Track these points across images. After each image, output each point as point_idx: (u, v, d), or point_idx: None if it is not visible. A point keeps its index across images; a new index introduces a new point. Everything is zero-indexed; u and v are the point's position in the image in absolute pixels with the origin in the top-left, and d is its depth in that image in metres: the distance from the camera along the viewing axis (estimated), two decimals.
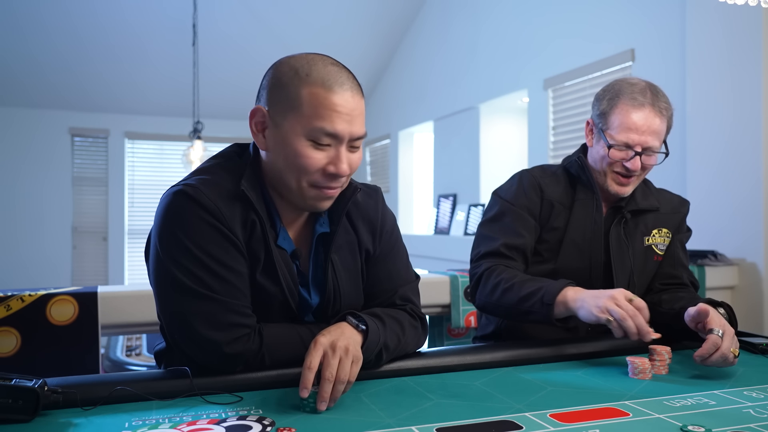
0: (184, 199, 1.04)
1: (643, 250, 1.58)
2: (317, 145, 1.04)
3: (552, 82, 4.39)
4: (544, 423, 0.91)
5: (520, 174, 1.62)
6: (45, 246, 7.18)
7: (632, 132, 1.44)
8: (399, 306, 1.22)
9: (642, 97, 1.45)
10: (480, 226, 1.61)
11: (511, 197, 1.57)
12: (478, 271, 1.51)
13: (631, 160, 1.46)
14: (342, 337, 1.02)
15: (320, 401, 0.94)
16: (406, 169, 6.86)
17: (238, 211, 1.07)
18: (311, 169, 1.04)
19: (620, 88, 1.49)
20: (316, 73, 1.03)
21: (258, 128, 1.08)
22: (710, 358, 1.18)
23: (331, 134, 1.03)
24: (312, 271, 1.17)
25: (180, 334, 1.07)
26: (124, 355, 3.80)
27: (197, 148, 5.37)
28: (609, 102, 1.49)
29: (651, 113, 1.44)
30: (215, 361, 1.05)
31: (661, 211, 1.61)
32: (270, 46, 6.33)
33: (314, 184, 1.06)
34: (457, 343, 2.38)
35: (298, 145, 1.03)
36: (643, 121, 1.44)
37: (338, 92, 1.02)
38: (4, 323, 1.68)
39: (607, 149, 1.48)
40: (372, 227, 1.23)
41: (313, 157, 1.04)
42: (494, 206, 1.61)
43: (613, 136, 1.46)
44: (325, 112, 1.01)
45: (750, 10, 2.73)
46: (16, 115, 7.04)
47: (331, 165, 1.05)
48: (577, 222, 1.55)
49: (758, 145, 2.75)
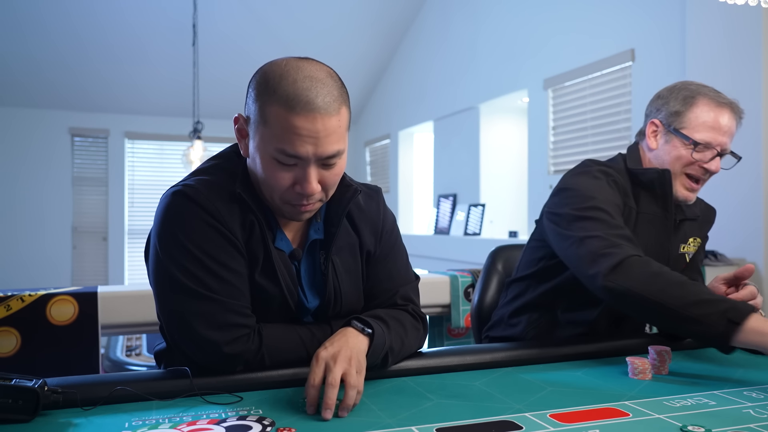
0: (183, 200, 1.04)
1: (677, 257, 1.54)
2: (282, 165, 1.01)
3: (552, 82, 4.39)
4: (544, 423, 0.91)
5: (603, 172, 1.43)
6: (45, 246, 7.18)
7: (716, 131, 1.37)
8: (400, 306, 1.22)
9: (722, 99, 1.39)
10: (576, 211, 1.35)
11: (605, 196, 1.38)
12: (619, 253, 1.24)
13: (712, 160, 1.39)
14: (345, 347, 1.01)
15: (324, 408, 0.93)
16: (406, 169, 6.86)
17: (237, 212, 1.07)
18: (279, 187, 1.03)
19: (695, 88, 1.41)
20: (283, 89, 0.97)
21: (241, 134, 1.07)
22: (745, 288, 1.21)
23: (293, 156, 0.99)
24: (306, 275, 1.16)
25: (179, 334, 1.07)
26: (124, 355, 3.80)
27: (197, 148, 5.37)
28: (685, 101, 1.41)
29: (731, 114, 1.39)
30: (215, 361, 1.05)
31: (698, 220, 1.57)
32: (270, 47, 6.33)
33: (286, 201, 1.05)
34: (457, 343, 2.38)
35: (266, 162, 1.02)
36: (726, 121, 1.38)
37: (301, 114, 0.96)
38: (4, 323, 1.68)
39: (692, 147, 1.39)
40: (374, 228, 1.22)
41: (279, 176, 1.01)
42: (585, 197, 1.36)
43: (694, 135, 1.38)
44: (285, 135, 0.98)
45: (750, 10, 2.73)
46: (16, 115, 7.05)
47: (297, 185, 1.02)
48: (648, 231, 1.44)
49: (758, 145, 2.75)
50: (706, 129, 1.38)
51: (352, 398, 0.95)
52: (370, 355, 1.04)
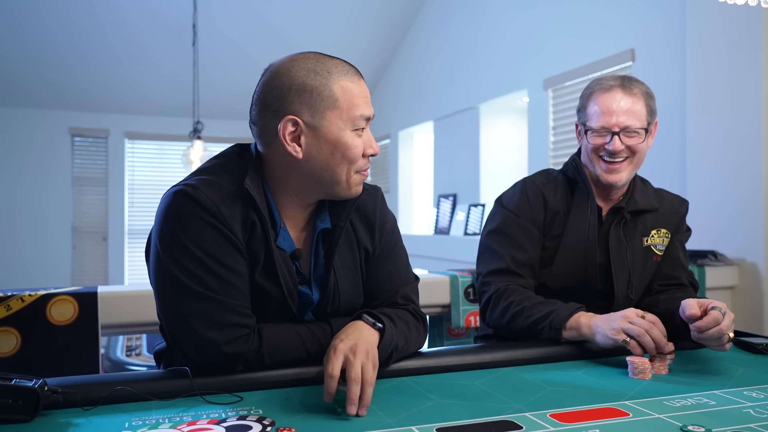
0: (184, 199, 1.05)
1: (642, 251, 1.58)
2: (358, 133, 1.10)
3: (552, 82, 4.39)
4: (544, 423, 0.91)
5: (524, 182, 1.63)
6: (45, 246, 7.18)
7: (606, 115, 1.48)
8: (401, 305, 1.22)
9: (611, 82, 1.51)
10: (485, 235, 1.61)
11: (514, 207, 1.58)
12: (488, 291, 1.52)
13: (611, 142, 1.48)
14: (360, 340, 1.02)
15: (350, 404, 0.93)
16: (406, 169, 6.86)
17: (239, 211, 1.07)
18: (356, 156, 1.10)
19: (593, 83, 1.56)
20: (333, 68, 1.08)
21: (291, 139, 1.07)
22: (708, 332, 1.20)
23: (368, 118, 1.11)
24: (313, 268, 1.17)
25: (179, 333, 1.07)
26: (124, 355, 3.80)
27: (197, 148, 5.37)
28: (583, 98, 1.56)
29: (620, 93, 1.48)
30: (214, 361, 1.05)
31: (660, 211, 1.61)
32: (269, 46, 6.33)
33: (358, 170, 1.12)
34: (457, 343, 2.38)
35: (346, 137, 1.08)
36: (614, 102, 1.48)
37: (359, 80, 1.10)
38: (4, 323, 1.67)
39: (589, 137, 1.52)
40: (369, 226, 1.23)
41: (358, 145, 1.10)
42: (497, 216, 1.61)
43: (592, 124, 1.51)
44: (359, 101, 1.09)
45: (750, 10, 2.73)
46: (16, 115, 7.04)
47: (368, 147, 1.12)
48: (573, 226, 1.56)
49: (758, 145, 2.75)
50: (599, 116, 1.49)
51: (369, 395, 0.96)
52: (379, 351, 1.05)
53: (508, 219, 1.57)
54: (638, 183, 1.62)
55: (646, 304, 1.59)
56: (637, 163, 1.52)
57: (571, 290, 1.55)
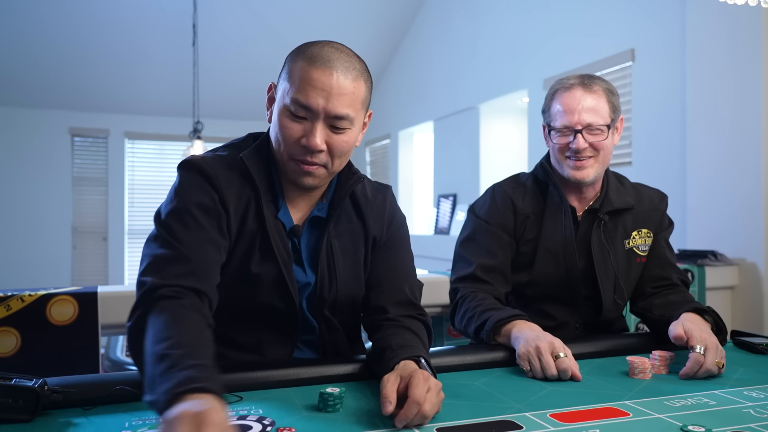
0: (188, 166, 1.11)
1: (625, 253, 1.57)
2: (294, 117, 1.07)
3: (552, 82, 4.38)
4: (544, 423, 0.91)
5: (493, 189, 1.64)
6: (45, 246, 7.18)
7: (568, 114, 1.48)
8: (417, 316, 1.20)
9: (572, 80, 1.51)
10: (458, 245, 1.62)
11: (485, 215, 1.59)
12: (454, 298, 1.53)
13: (575, 140, 1.47)
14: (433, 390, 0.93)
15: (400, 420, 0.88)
16: (406, 169, 6.86)
17: (236, 182, 1.11)
18: (288, 139, 1.08)
19: (556, 84, 1.55)
20: (311, 50, 1.08)
21: (270, 102, 1.15)
22: (696, 376, 1.18)
23: (304, 106, 1.05)
24: (305, 251, 1.18)
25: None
26: (124, 355, 3.80)
27: (197, 148, 5.36)
28: (546, 100, 1.56)
29: (581, 91, 1.48)
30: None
31: (639, 209, 1.59)
32: (270, 47, 6.33)
33: (292, 157, 1.09)
34: (457, 343, 2.38)
35: (280, 115, 1.09)
36: (573, 101, 1.47)
37: (319, 68, 1.05)
38: (4, 323, 1.67)
39: (554, 137, 1.52)
40: (380, 216, 1.25)
41: (288, 127, 1.08)
42: (469, 224, 1.62)
43: (555, 124, 1.51)
44: (302, 86, 1.05)
45: (750, 10, 2.73)
46: (16, 115, 7.04)
47: (304, 138, 1.07)
48: (548, 230, 1.55)
49: (758, 145, 2.75)
50: (561, 115, 1.49)
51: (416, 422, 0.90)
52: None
53: (478, 226, 1.58)
54: (612, 182, 1.60)
55: (640, 309, 1.58)
56: (603, 160, 1.51)
57: (555, 296, 1.55)
